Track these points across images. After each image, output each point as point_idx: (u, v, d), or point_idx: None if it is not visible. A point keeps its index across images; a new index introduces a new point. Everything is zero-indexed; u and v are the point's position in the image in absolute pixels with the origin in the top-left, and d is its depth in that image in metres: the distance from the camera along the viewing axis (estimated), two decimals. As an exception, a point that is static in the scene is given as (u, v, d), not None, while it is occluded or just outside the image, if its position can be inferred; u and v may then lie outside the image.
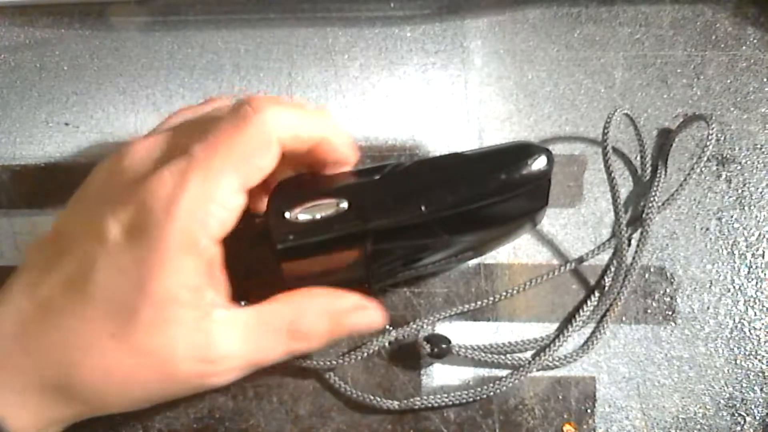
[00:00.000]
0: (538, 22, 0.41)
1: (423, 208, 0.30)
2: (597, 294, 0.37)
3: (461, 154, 0.31)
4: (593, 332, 0.37)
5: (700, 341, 0.37)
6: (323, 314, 0.30)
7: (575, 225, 0.38)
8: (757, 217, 0.38)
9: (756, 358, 0.37)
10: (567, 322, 0.37)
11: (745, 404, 0.36)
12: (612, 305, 0.37)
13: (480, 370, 0.37)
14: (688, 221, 0.38)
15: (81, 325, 0.26)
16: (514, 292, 0.37)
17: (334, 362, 0.35)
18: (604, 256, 0.38)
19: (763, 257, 0.38)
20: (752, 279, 0.37)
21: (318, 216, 0.29)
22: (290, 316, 0.29)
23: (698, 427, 0.36)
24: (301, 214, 0.29)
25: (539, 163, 0.31)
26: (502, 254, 0.38)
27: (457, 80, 0.40)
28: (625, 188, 0.39)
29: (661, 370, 0.37)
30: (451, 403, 0.36)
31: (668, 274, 0.38)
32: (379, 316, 0.31)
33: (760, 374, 0.36)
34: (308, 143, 0.29)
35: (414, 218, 0.30)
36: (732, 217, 0.38)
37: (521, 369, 0.36)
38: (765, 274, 0.37)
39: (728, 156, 0.39)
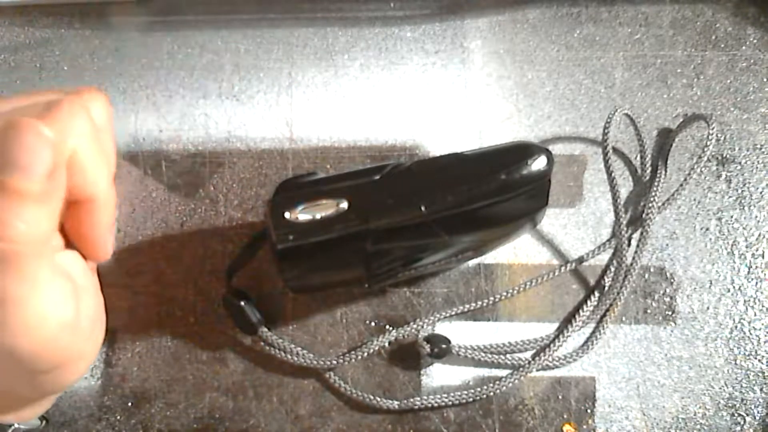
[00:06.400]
0: (538, 22, 0.41)
1: (423, 208, 0.30)
2: (597, 294, 0.37)
3: (461, 154, 0.31)
4: (593, 332, 0.37)
5: (700, 341, 0.37)
6: None
7: (575, 225, 0.38)
8: (757, 217, 0.38)
9: (756, 358, 0.37)
10: (567, 322, 0.37)
11: (745, 404, 0.36)
12: (612, 305, 0.37)
13: (480, 370, 0.37)
14: (688, 221, 0.38)
15: None
16: (514, 292, 0.37)
17: (334, 362, 0.35)
18: (604, 256, 0.38)
19: (763, 257, 0.38)
20: (752, 279, 0.37)
21: (318, 216, 0.29)
22: None
23: (698, 427, 0.36)
24: (301, 214, 0.29)
25: (539, 163, 0.31)
26: (502, 254, 0.38)
27: (457, 80, 0.40)
28: (625, 188, 0.39)
29: (661, 370, 0.37)
30: (451, 403, 0.36)
31: (668, 274, 0.38)
32: None
33: (760, 374, 0.36)
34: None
35: (414, 218, 0.30)
36: (732, 217, 0.38)
37: (521, 369, 0.36)
38: (765, 274, 0.37)
39: (728, 156, 0.39)
